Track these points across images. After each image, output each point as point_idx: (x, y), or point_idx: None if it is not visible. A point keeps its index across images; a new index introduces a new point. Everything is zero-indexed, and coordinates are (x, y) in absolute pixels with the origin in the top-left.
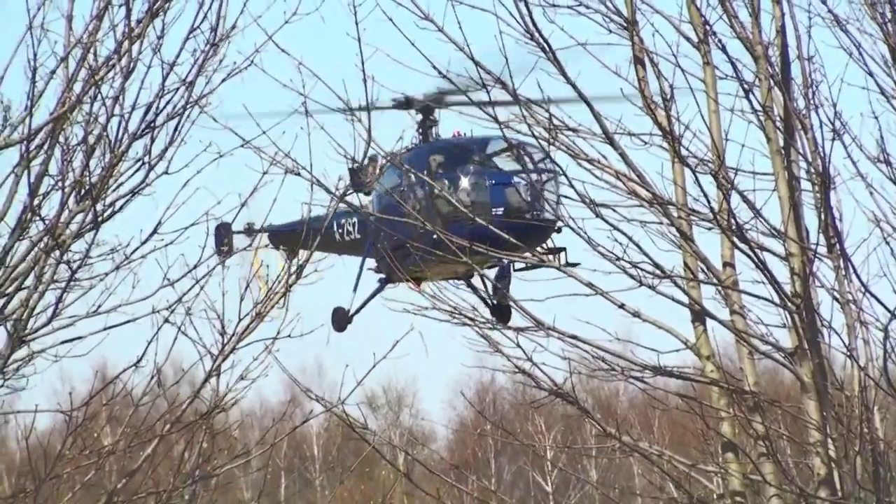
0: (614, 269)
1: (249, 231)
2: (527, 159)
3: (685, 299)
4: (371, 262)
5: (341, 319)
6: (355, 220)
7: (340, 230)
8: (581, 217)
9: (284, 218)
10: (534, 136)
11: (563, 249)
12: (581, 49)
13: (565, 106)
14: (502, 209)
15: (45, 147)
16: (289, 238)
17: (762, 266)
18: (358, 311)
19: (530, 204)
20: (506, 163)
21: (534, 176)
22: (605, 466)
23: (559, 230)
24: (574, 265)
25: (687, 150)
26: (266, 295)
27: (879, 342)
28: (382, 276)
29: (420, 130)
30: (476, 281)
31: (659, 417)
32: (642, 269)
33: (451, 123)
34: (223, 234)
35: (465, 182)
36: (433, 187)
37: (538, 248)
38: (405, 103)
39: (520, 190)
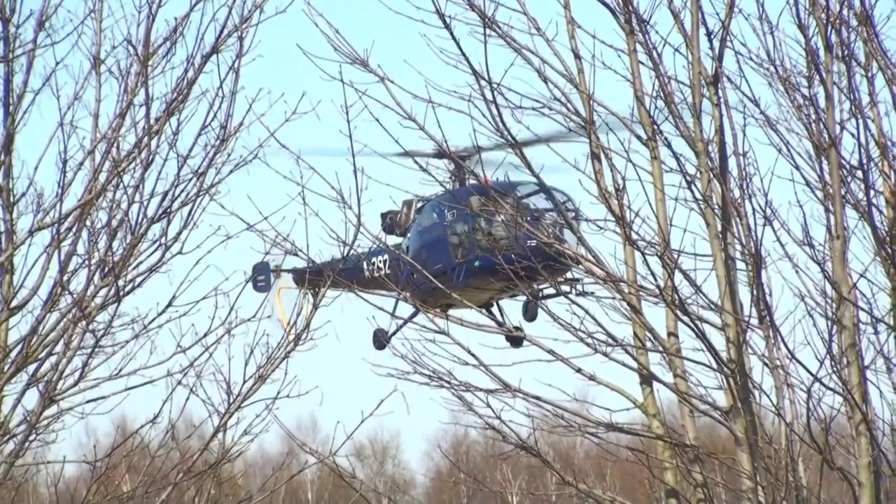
0: (573, 339)
1: (276, 271)
2: (551, 201)
3: (635, 365)
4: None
5: (381, 339)
6: (385, 257)
7: (371, 267)
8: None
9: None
10: (502, 220)
11: (580, 280)
12: (544, 145)
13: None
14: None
15: (74, 230)
16: (314, 278)
17: (702, 335)
18: (395, 332)
19: (556, 238)
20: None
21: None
22: None
23: (579, 262)
24: (587, 294)
25: (637, 234)
26: (267, 359)
27: (803, 402)
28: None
29: (454, 178)
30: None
31: (611, 468)
32: (597, 339)
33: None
34: (260, 272)
35: (500, 219)
36: (473, 222)
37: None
38: (441, 154)
39: (546, 226)
